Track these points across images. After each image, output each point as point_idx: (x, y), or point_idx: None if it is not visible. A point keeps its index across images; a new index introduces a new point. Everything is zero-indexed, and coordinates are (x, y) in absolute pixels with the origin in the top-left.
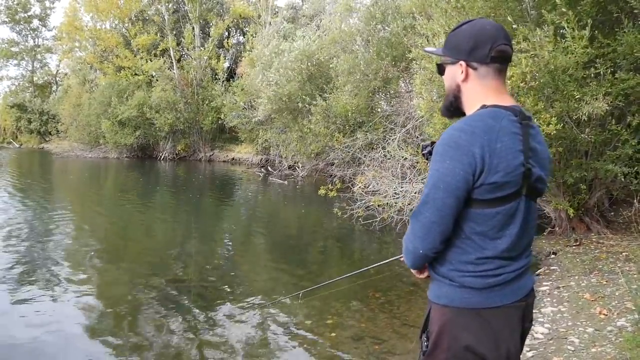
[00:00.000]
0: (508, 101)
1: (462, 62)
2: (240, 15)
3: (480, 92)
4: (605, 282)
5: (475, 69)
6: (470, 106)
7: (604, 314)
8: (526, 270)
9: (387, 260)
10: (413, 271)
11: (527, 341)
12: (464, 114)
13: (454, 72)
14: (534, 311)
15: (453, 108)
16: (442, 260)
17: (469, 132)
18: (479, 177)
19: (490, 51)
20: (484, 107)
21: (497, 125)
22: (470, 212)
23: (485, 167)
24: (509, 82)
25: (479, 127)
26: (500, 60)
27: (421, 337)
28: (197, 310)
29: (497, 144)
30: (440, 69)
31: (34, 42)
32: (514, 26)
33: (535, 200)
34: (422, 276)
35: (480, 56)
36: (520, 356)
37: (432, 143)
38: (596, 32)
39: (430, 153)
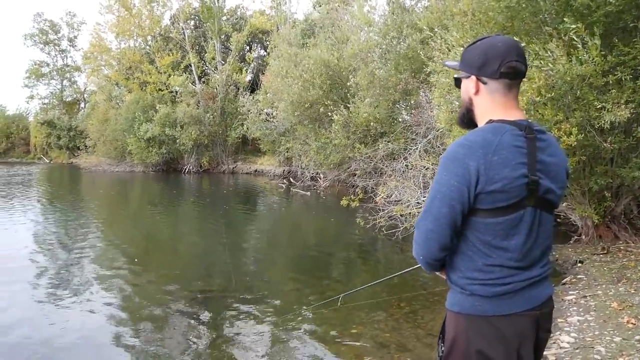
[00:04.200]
0: (515, 115)
1: (473, 77)
2: (259, 29)
3: (489, 106)
4: (633, 291)
5: (485, 83)
6: (481, 119)
7: (632, 323)
8: (542, 280)
9: (412, 268)
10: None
11: (553, 350)
12: (476, 125)
13: (467, 86)
14: (560, 320)
15: (466, 119)
16: (454, 268)
17: (467, 146)
18: (476, 187)
19: (500, 67)
20: (490, 121)
21: (496, 139)
22: (474, 220)
23: (481, 178)
24: (524, 98)
25: (476, 142)
26: (510, 76)
27: (439, 343)
28: (224, 320)
29: (494, 157)
30: (457, 82)
31: (63, 61)
32: (522, 44)
33: (549, 211)
34: (444, 276)
35: (490, 72)
36: None
37: None
38: (615, 39)
39: None
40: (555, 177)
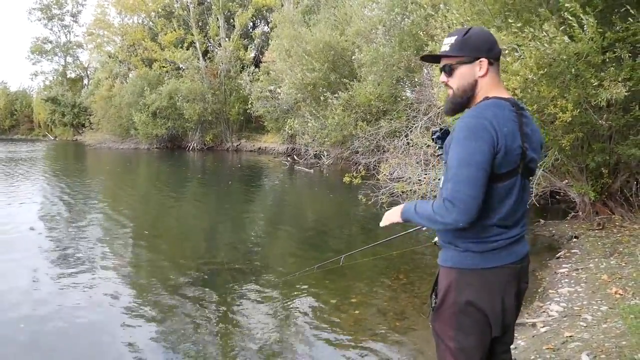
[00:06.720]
0: (506, 93)
1: (484, 59)
2: (264, 5)
3: (491, 84)
4: (624, 264)
5: (492, 64)
6: (477, 98)
7: (619, 294)
8: (521, 238)
9: (413, 229)
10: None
11: (542, 318)
12: (463, 109)
13: (471, 70)
14: (551, 291)
15: (464, 104)
16: None
17: (483, 117)
18: (496, 153)
19: (499, 50)
20: (487, 98)
21: (502, 113)
22: None
23: (497, 145)
24: (517, 77)
25: (489, 114)
26: (499, 58)
27: (431, 296)
28: (229, 290)
29: (503, 128)
30: (449, 70)
31: (66, 37)
32: (519, 24)
33: (528, 178)
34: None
35: (495, 54)
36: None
37: (442, 129)
38: (614, 17)
39: (439, 138)
40: (535, 147)
